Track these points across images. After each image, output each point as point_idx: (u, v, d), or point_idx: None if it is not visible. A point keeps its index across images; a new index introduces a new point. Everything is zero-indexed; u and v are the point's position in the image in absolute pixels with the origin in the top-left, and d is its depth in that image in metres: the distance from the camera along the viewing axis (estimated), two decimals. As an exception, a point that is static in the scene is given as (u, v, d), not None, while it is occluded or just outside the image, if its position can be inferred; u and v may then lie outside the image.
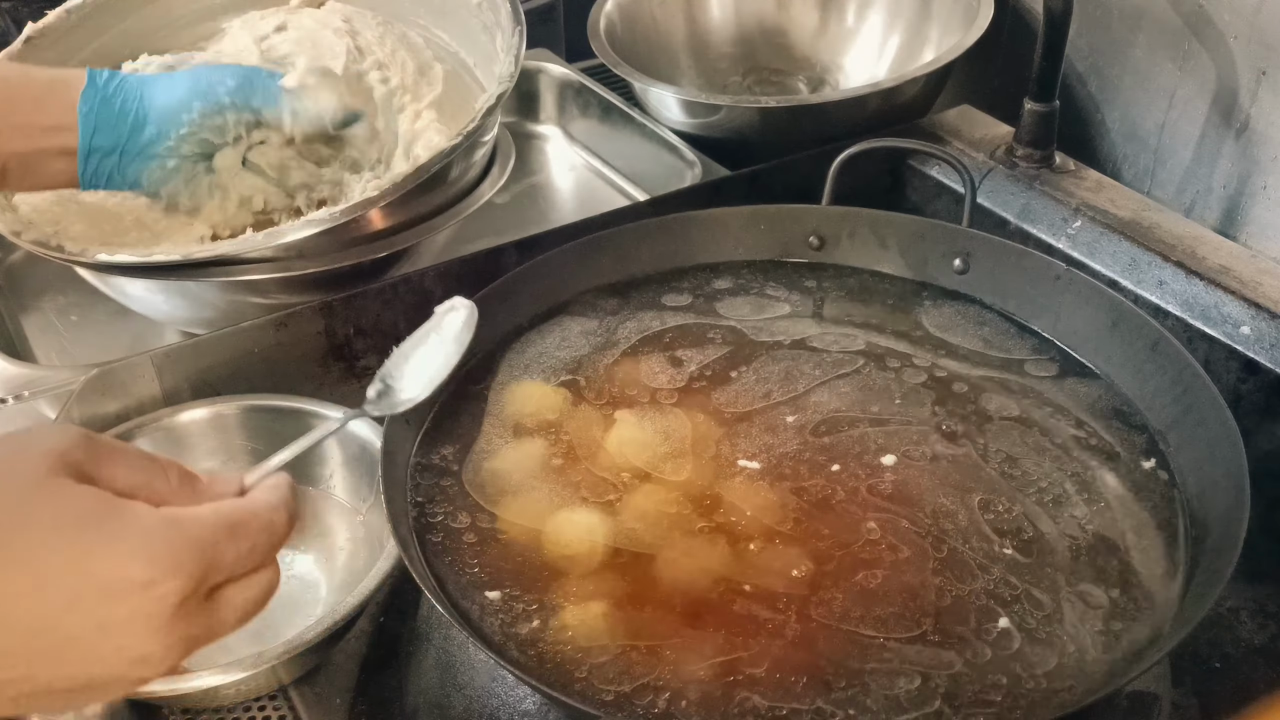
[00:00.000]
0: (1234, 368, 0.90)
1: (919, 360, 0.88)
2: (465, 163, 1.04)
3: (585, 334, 0.91)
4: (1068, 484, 0.77)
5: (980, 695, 0.64)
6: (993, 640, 0.67)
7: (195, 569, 0.50)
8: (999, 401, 0.84)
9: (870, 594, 0.70)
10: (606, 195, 1.31)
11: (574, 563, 0.73)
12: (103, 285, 1.01)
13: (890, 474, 0.78)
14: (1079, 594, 0.70)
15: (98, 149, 0.91)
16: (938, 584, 0.70)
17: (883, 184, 1.15)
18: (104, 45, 1.15)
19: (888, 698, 0.64)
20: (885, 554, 0.72)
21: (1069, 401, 0.84)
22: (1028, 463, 0.79)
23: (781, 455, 0.79)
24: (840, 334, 0.91)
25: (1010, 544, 0.73)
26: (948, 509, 0.75)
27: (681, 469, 0.79)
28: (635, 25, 1.32)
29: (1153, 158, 1.14)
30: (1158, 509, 0.76)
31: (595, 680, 0.66)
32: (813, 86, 1.36)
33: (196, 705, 0.76)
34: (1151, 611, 0.69)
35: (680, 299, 0.95)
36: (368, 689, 0.77)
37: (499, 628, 0.69)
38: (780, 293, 0.95)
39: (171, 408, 0.91)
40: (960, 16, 1.22)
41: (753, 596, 0.70)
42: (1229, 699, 0.75)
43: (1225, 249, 0.99)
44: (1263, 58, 1.00)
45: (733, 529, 0.74)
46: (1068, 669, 0.66)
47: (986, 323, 0.91)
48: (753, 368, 0.87)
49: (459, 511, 0.76)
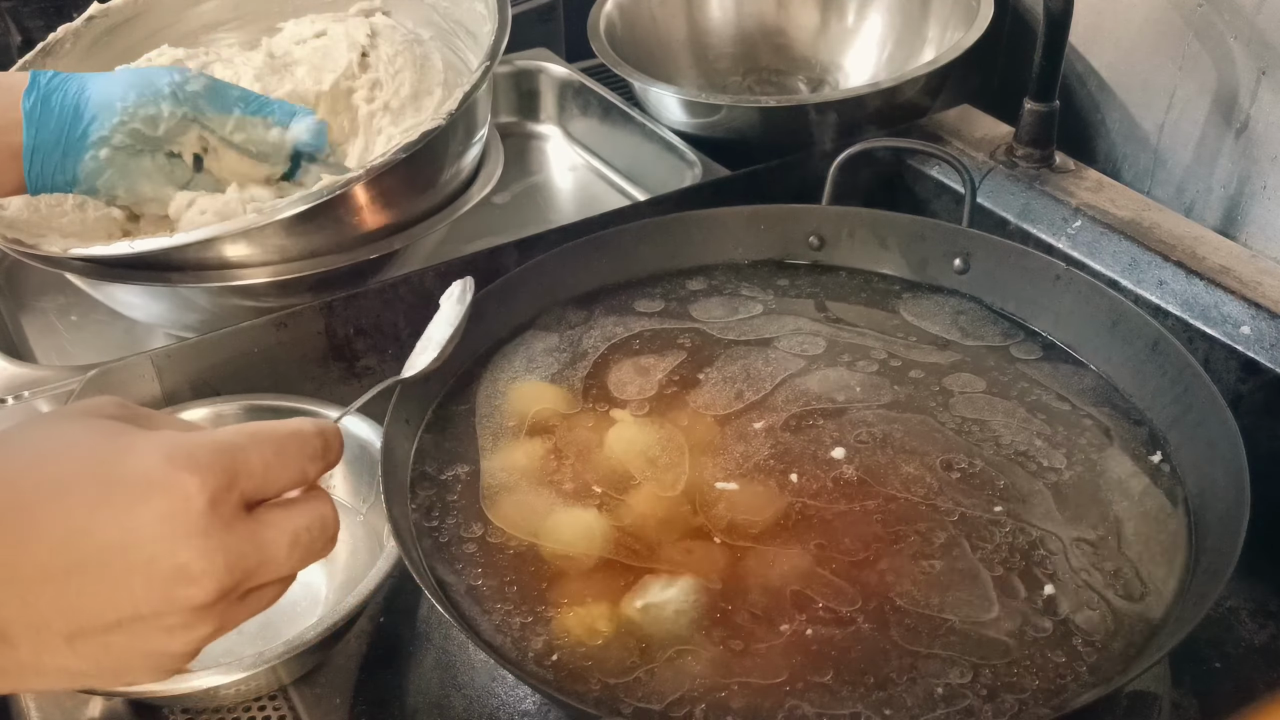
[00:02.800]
0: (1234, 368, 0.90)
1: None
2: (457, 164, 1.04)
3: (584, 333, 0.91)
4: (1066, 474, 0.77)
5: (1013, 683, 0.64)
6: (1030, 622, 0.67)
7: (216, 466, 0.49)
8: (1004, 404, 0.84)
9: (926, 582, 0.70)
10: (606, 195, 1.32)
11: (574, 562, 0.73)
12: (93, 290, 1.01)
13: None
14: (1078, 593, 0.70)
15: (41, 146, 0.90)
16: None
17: (883, 184, 1.15)
18: (124, 52, 1.15)
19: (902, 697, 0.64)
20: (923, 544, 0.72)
21: (1069, 393, 0.84)
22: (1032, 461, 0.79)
23: (808, 452, 0.80)
24: (842, 331, 0.91)
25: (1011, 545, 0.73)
26: (967, 512, 0.75)
27: (684, 469, 0.79)
28: (635, 25, 1.32)
29: (1153, 158, 1.14)
30: (1161, 506, 0.76)
31: (595, 680, 0.66)
32: (813, 86, 1.36)
33: (196, 705, 0.76)
34: (1151, 611, 0.69)
35: (681, 297, 0.95)
36: (368, 689, 0.77)
37: (499, 628, 0.69)
38: (784, 291, 0.96)
39: (171, 408, 0.91)
40: (960, 16, 1.22)
41: (754, 596, 0.70)
42: (1229, 699, 0.75)
43: (1225, 249, 0.99)
44: (1263, 58, 1.00)
45: (743, 530, 0.75)
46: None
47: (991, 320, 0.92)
48: (736, 366, 0.87)
49: (459, 511, 0.76)
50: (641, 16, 1.34)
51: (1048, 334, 0.90)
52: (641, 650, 0.68)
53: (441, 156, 1.03)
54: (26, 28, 1.28)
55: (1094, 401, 0.84)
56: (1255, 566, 0.67)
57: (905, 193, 1.17)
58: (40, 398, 0.93)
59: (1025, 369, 0.87)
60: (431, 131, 0.96)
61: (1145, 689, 0.75)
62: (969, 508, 0.75)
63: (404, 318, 0.99)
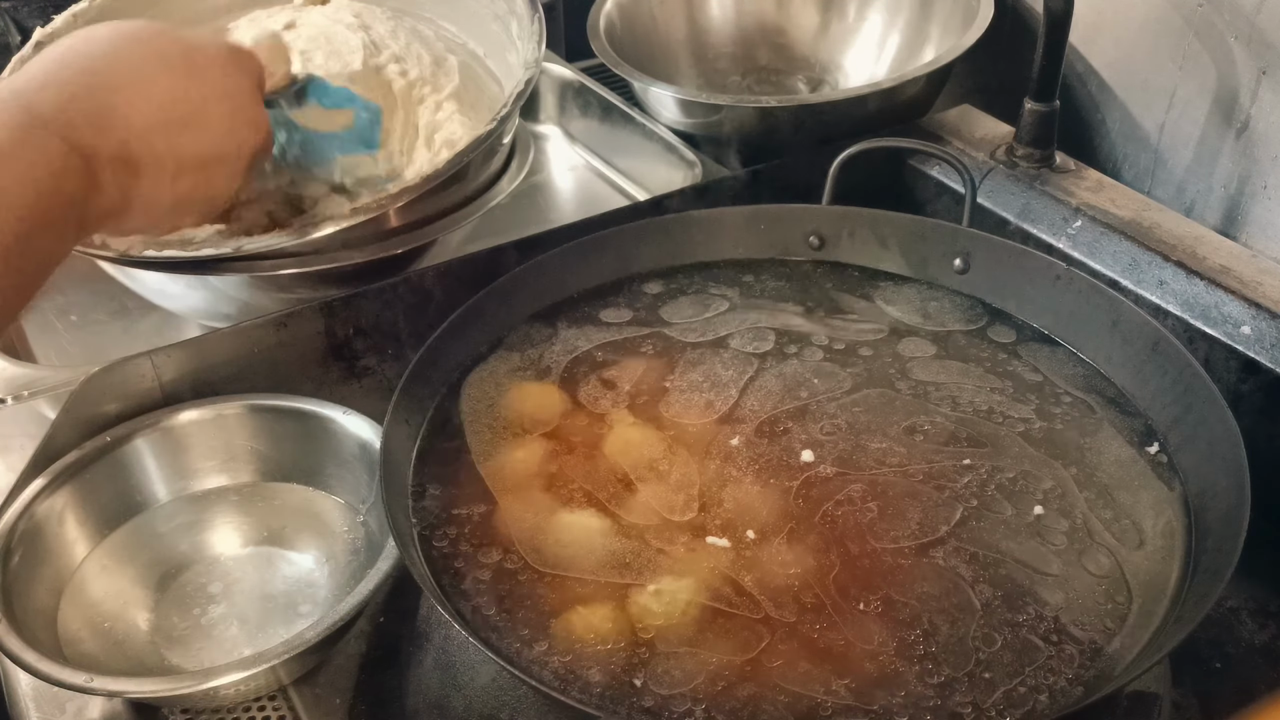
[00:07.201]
0: (1234, 367, 0.90)
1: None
2: (490, 159, 1.05)
3: (582, 333, 0.91)
4: (1069, 478, 0.77)
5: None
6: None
7: (261, 56, 0.85)
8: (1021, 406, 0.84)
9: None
10: (606, 195, 1.31)
11: (575, 563, 0.73)
12: (129, 281, 1.02)
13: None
14: (1076, 592, 0.70)
15: None
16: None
17: (883, 184, 1.15)
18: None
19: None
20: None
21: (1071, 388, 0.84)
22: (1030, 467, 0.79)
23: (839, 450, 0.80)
24: (844, 328, 0.91)
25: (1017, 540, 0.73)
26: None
27: (687, 469, 0.79)
28: (635, 25, 1.32)
29: (1153, 158, 1.14)
30: (1160, 505, 0.76)
31: (596, 680, 0.66)
32: (813, 86, 1.36)
33: (196, 705, 0.76)
34: (1151, 611, 0.69)
35: (681, 298, 0.95)
36: (368, 689, 0.77)
37: (499, 628, 0.69)
38: (783, 291, 0.96)
39: (171, 407, 0.91)
40: (960, 16, 1.22)
41: (757, 592, 0.70)
42: (1229, 699, 0.75)
43: (1225, 249, 0.99)
44: (1263, 57, 1.00)
45: (748, 528, 0.75)
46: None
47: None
48: (700, 366, 0.88)
49: (459, 511, 0.76)
50: (641, 16, 1.34)
51: (1049, 333, 0.90)
52: (642, 650, 0.68)
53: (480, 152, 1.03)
54: (26, 28, 1.28)
55: (1084, 389, 0.84)
56: (1255, 566, 0.67)
57: (905, 193, 1.17)
58: (40, 397, 0.93)
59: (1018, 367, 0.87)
60: (485, 136, 0.96)
61: (1145, 689, 0.75)
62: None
63: (404, 318, 0.99)
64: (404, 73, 1.06)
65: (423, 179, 0.95)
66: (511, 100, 0.99)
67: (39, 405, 0.94)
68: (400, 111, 1.05)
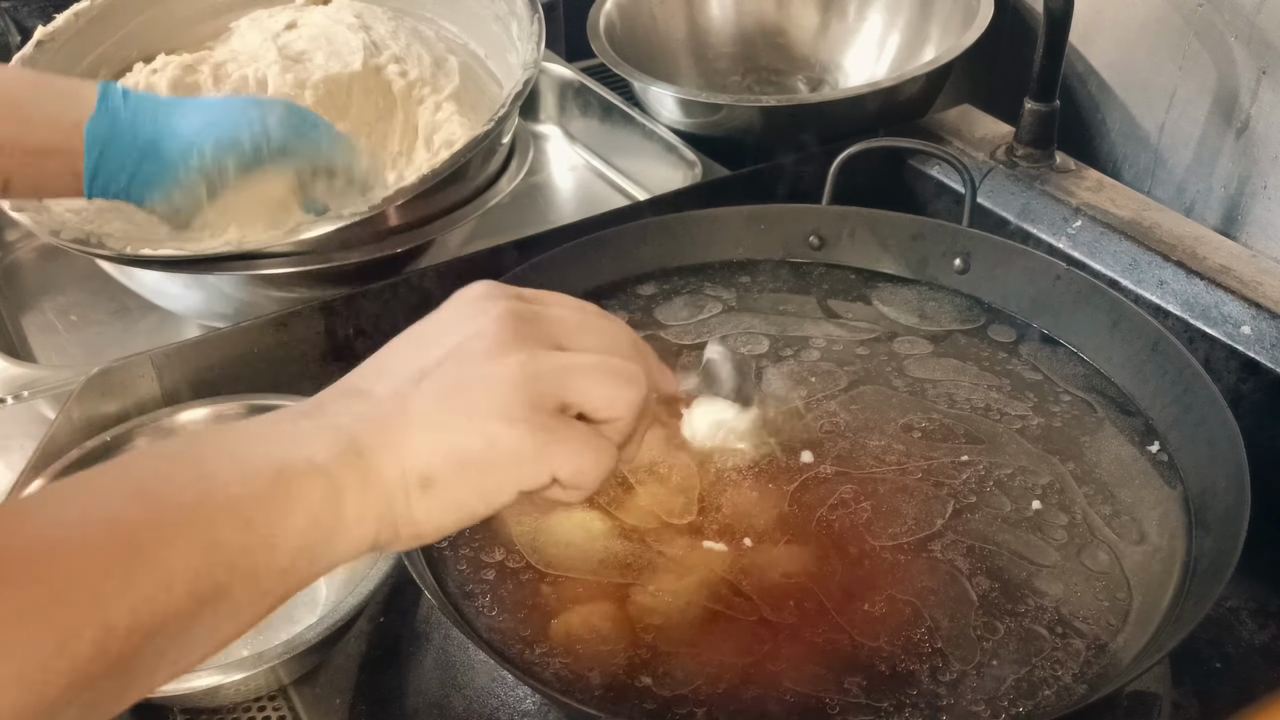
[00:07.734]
0: (1234, 367, 0.90)
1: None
2: (490, 158, 1.05)
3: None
4: (1069, 478, 0.77)
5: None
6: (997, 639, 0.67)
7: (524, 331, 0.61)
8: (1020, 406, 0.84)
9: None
10: (606, 195, 1.31)
11: (575, 563, 0.73)
12: (129, 280, 1.02)
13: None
14: (1075, 585, 0.70)
15: (103, 173, 0.89)
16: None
17: (883, 184, 1.15)
18: (112, 47, 1.15)
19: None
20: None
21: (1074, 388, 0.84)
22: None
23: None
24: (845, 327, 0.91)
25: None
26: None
27: (688, 469, 0.79)
28: (635, 25, 1.32)
29: (1153, 157, 1.14)
30: (1160, 503, 0.76)
31: (596, 681, 0.66)
32: (813, 86, 1.36)
33: (196, 705, 0.76)
34: (1151, 610, 0.69)
35: (679, 299, 0.95)
36: (368, 689, 0.77)
37: (499, 628, 0.69)
38: (783, 291, 0.96)
39: (171, 408, 0.91)
40: (960, 16, 1.22)
41: (756, 593, 0.70)
42: (1229, 699, 0.74)
43: (1225, 249, 0.99)
44: (1263, 57, 1.00)
45: (747, 530, 0.75)
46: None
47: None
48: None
49: (459, 511, 0.76)
50: (641, 16, 1.34)
51: (1049, 333, 0.90)
52: (643, 650, 0.67)
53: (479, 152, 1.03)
54: (27, 28, 1.28)
55: (1084, 388, 0.84)
56: (1255, 566, 0.67)
57: (905, 193, 1.17)
58: (40, 397, 0.93)
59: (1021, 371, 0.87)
60: (482, 138, 0.96)
61: (1145, 689, 0.75)
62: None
63: (404, 318, 0.98)
64: (404, 73, 1.06)
65: (420, 179, 0.95)
66: (509, 101, 0.99)
67: (39, 405, 0.94)
68: (400, 112, 1.05)
